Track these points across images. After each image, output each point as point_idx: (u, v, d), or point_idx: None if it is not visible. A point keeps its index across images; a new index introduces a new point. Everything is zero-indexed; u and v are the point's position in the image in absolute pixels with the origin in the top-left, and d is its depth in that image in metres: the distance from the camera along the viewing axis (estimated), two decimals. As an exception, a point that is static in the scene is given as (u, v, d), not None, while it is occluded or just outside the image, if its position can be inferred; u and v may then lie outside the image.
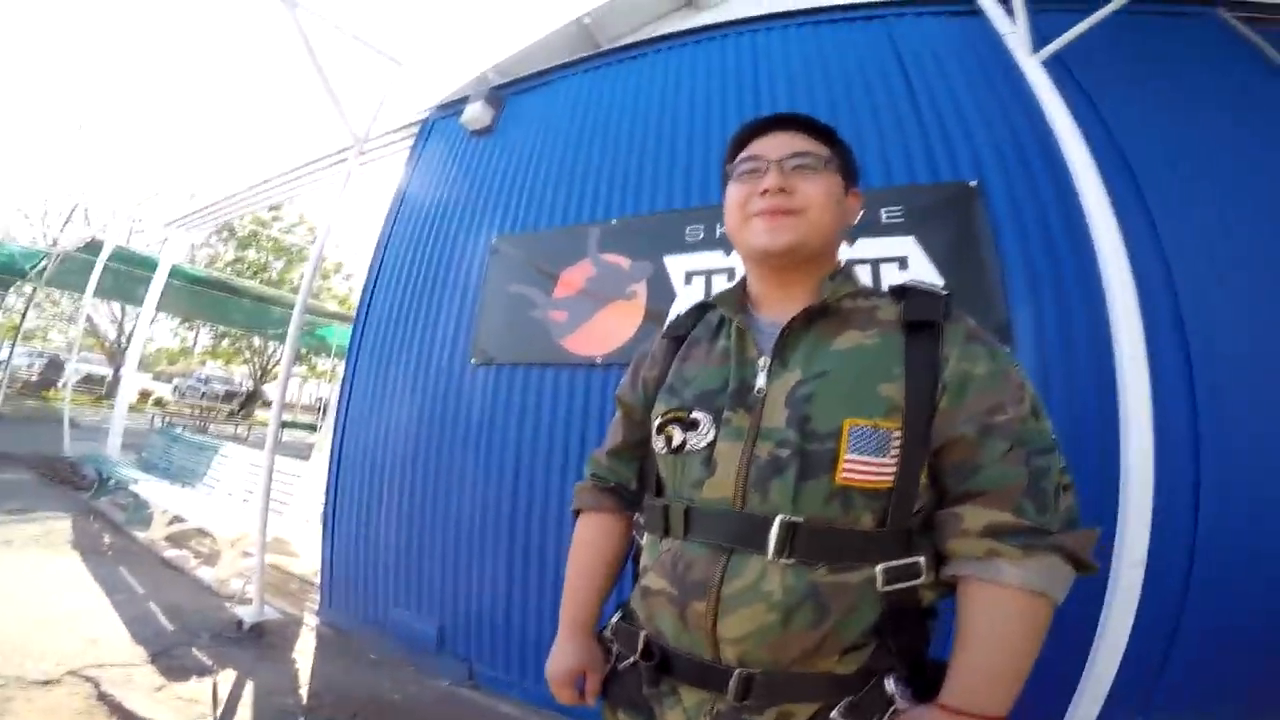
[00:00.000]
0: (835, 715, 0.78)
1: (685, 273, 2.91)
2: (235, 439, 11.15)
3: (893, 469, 0.82)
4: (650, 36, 3.90)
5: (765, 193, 0.94)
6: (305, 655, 3.07)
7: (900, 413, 0.83)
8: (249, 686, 2.67)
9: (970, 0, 2.63)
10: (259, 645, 3.08)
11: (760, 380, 0.90)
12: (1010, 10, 2.40)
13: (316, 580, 3.84)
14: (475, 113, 3.96)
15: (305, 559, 4.60)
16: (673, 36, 3.71)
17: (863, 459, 0.81)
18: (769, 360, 0.91)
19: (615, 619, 1.01)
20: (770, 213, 0.94)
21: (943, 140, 2.69)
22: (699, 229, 2.93)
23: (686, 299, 2.82)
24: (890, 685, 0.78)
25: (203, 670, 2.75)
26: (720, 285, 2.73)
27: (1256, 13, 2.67)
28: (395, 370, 3.66)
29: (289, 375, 3.90)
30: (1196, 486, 2.04)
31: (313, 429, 14.74)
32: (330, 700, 2.65)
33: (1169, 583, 1.97)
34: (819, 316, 0.93)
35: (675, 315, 1.20)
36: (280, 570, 4.39)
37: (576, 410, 2.95)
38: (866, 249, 2.58)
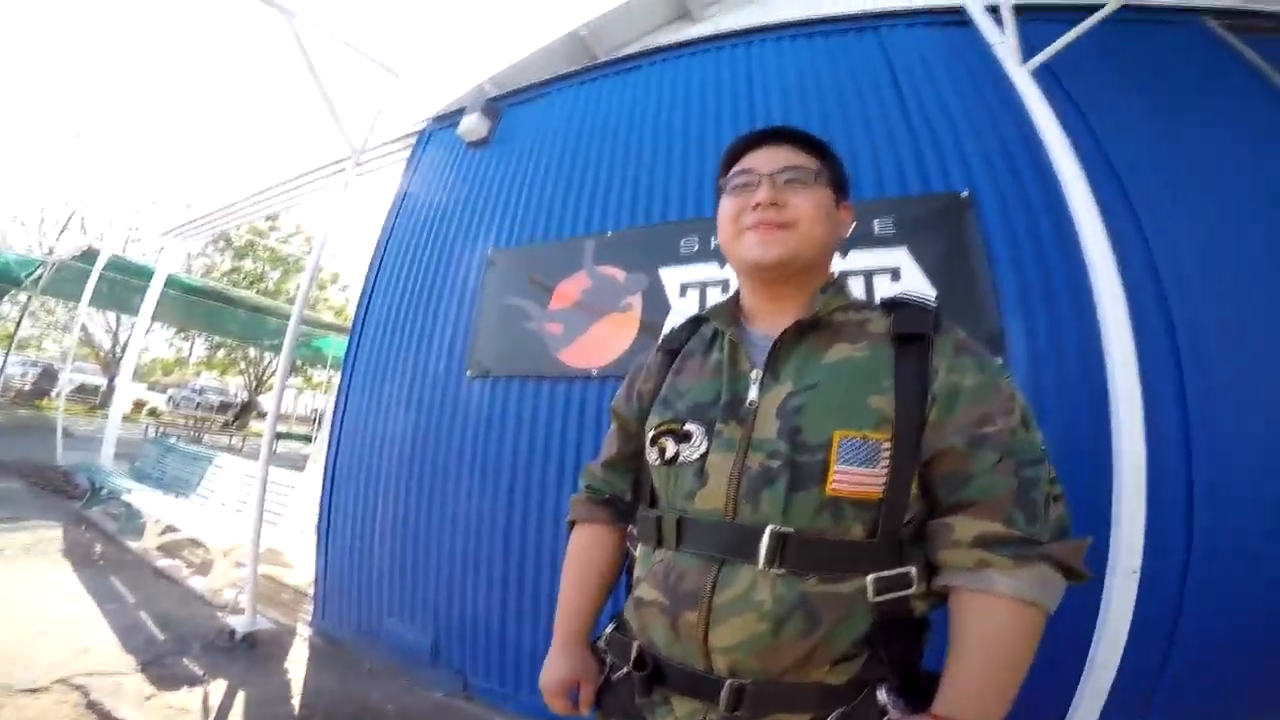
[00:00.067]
0: None
1: (680, 285, 2.92)
2: (230, 449, 11.11)
3: (883, 480, 0.82)
4: (646, 49, 3.93)
5: (757, 206, 0.95)
6: (298, 666, 3.05)
7: (890, 424, 0.84)
8: (240, 696, 2.65)
9: (960, 11, 2.66)
10: (251, 655, 3.06)
11: (752, 393, 0.91)
12: (999, 20, 2.43)
13: (310, 591, 3.83)
14: (472, 124, 3.98)
15: (299, 570, 4.58)
16: (668, 49, 3.74)
17: (852, 470, 0.82)
18: (761, 373, 0.92)
19: (609, 630, 1.01)
20: (762, 226, 0.95)
21: (934, 150, 2.71)
22: (694, 241, 2.95)
23: (681, 311, 2.83)
24: (882, 695, 0.78)
25: (193, 680, 2.73)
26: (715, 297, 2.74)
27: (1241, 20, 2.72)
28: (391, 381, 3.66)
29: (284, 385, 3.90)
30: (1190, 489, 2.04)
31: (308, 440, 14.71)
32: (322, 711, 2.63)
33: (1166, 587, 1.97)
34: (810, 329, 0.94)
35: (670, 328, 1.22)
36: (274, 581, 4.36)
37: (572, 422, 2.95)
38: (859, 261, 2.59)
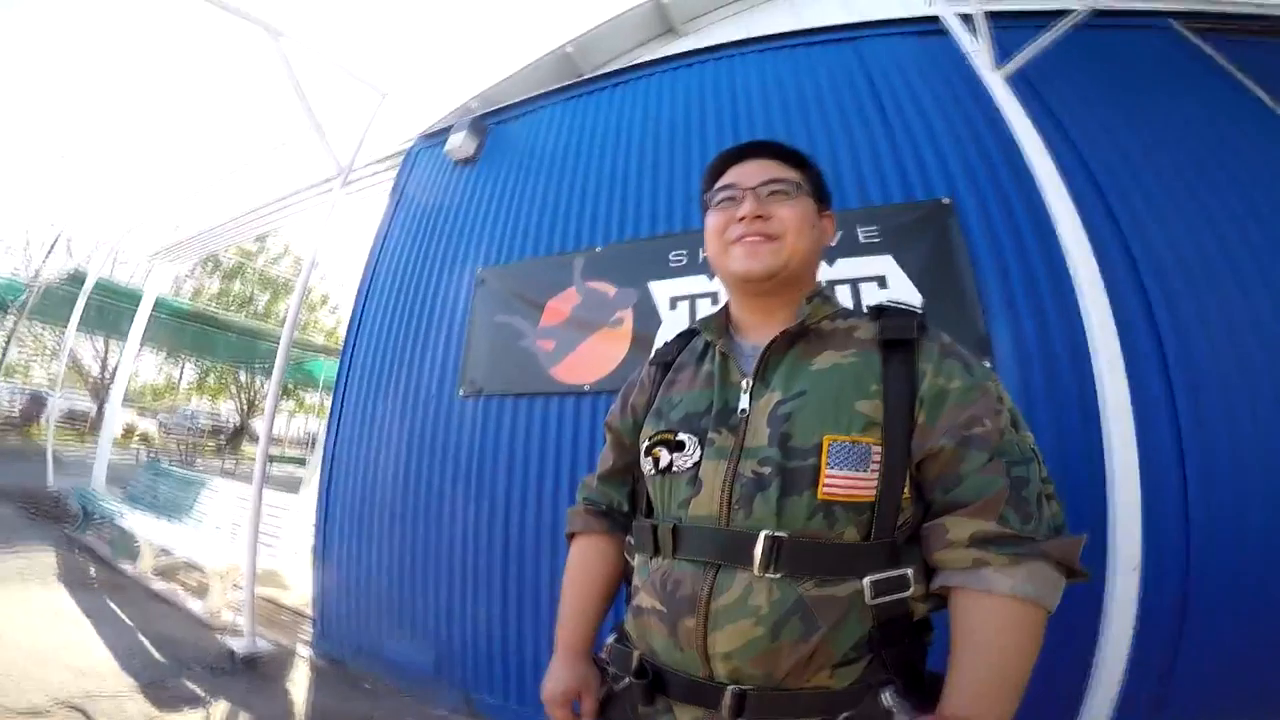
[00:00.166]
0: None
1: (670, 298, 2.94)
2: (223, 473, 11.03)
3: (874, 483, 0.84)
4: (631, 64, 3.98)
5: (743, 220, 0.98)
6: (299, 686, 3.04)
7: (878, 428, 0.85)
8: (242, 717, 2.64)
9: (935, 20, 2.72)
10: (252, 676, 3.04)
11: (743, 401, 0.93)
12: (974, 29, 2.48)
13: (308, 612, 3.81)
14: (459, 142, 4.01)
15: (296, 591, 4.56)
16: (653, 64, 3.81)
17: (843, 474, 0.83)
18: (751, 382, 0.94)
19: (610, 640, 1.02)
20: (749, 239, 0.97)
21: (915, 158, 2.76)
22: (682, 254, 2.98)
23: (672, 324, 2.86)
24: (887, 698, 0.79)
25: (195, 700, 2.71)
26: (705, 309, 2.77)
27: (1208, 22, 2.79)
28: (384, 402, 3.66)
29: (275, 408, 3.89)
30: (1183, 479, 2.07)
31: (301, 463, 14.61)
32: (326, 730, 2.62)
33: (1168, 582, 1.99)
34: (798, 338, 0.96)
35: (662, 342, 1.23)
36: (272, 602, 4.34)
37: (566, 438, 2.96)
38: (846, 269, 2.63)
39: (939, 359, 0.90)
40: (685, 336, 1.16)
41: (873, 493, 0.83)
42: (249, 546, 3.41)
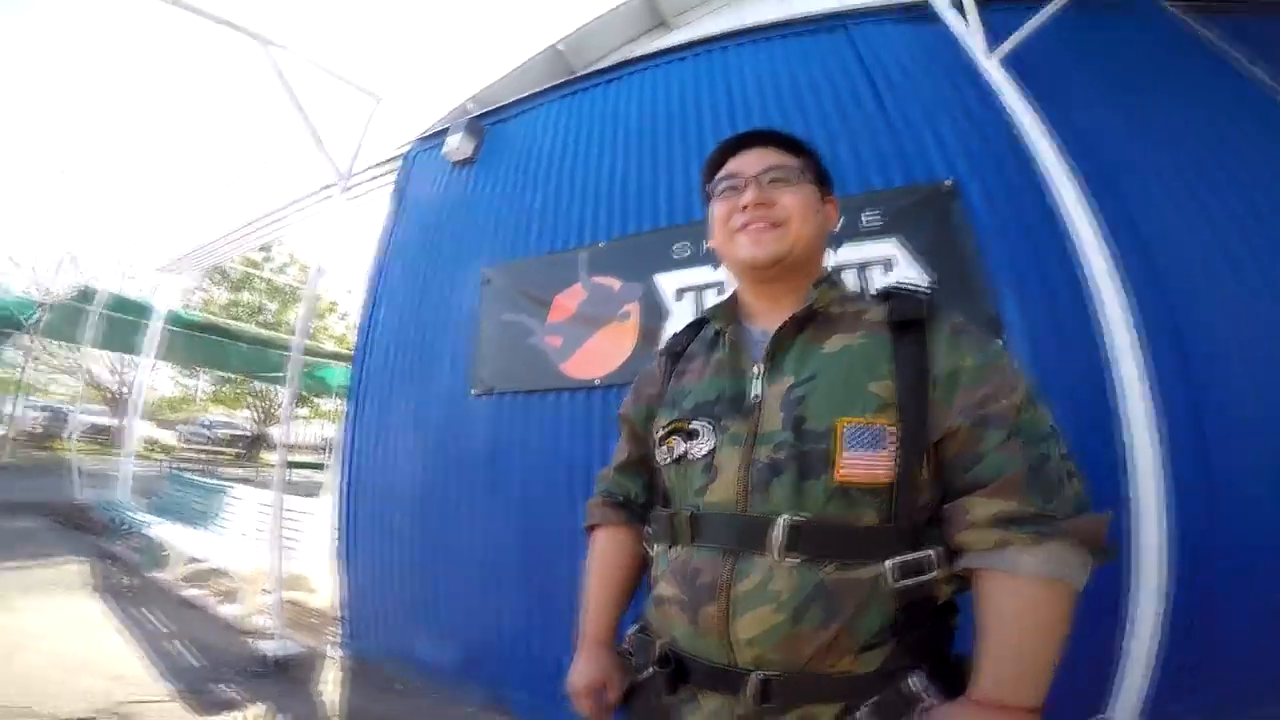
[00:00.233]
0: (860, 717, 0.77)
1: (676, 290, 2.97)
2: (244, 481, 11.15)
3: (890, 464, 0.82)
4: (625, 59, 3.98)
5: (746, 208, 0.98)
6: (332, 687, 3.10)
7: (892, 409, 0.84)
8: (280, 719, 2.71)
9: (924, 5, 2.71)
10: (285, 679, 3.10)
11: (755, 387, 0.93)
12: (963, 12, 2.48)
13: (335, 614, 3.87)
14: (456, 144, 4.04)
15: (323, 593, 4.62)
16: (646, 58, 3.80)
17: (859, 455, 0.83)
18: (762, 367, 0.94)
19: (632, 631, 1.02)
20: (753, 227, 0.98)
21: (914, 142, 2.76)
22: (686, 245, 3.00)
23: (679, 315, 2.88)
24: (914, 683, 0.77)
25: (232, 704, 2.77)
26: (711, 299, 2.79)
27: (1194, 1, 2.78)
28: (397, 405, 3.71)
29: (291, 415, 3.95)
30: (1205, 455, 2.08)
31: (320, 467, 14.71)
32: (362, 729, 2.67)
33: (1193, 561, 1.97)
34: (807, 322, 0.96)
35: (673, 333, 1.24)
36: (299, 605, 4.40)
37: (579, 432, 2.99)
38: (852, 254, 2.64)
39: (951, 338, 0.89)
40: (695, 326, 1.17)
41: (890, 474, 0.82)
42: (274, 550, 3.47)
